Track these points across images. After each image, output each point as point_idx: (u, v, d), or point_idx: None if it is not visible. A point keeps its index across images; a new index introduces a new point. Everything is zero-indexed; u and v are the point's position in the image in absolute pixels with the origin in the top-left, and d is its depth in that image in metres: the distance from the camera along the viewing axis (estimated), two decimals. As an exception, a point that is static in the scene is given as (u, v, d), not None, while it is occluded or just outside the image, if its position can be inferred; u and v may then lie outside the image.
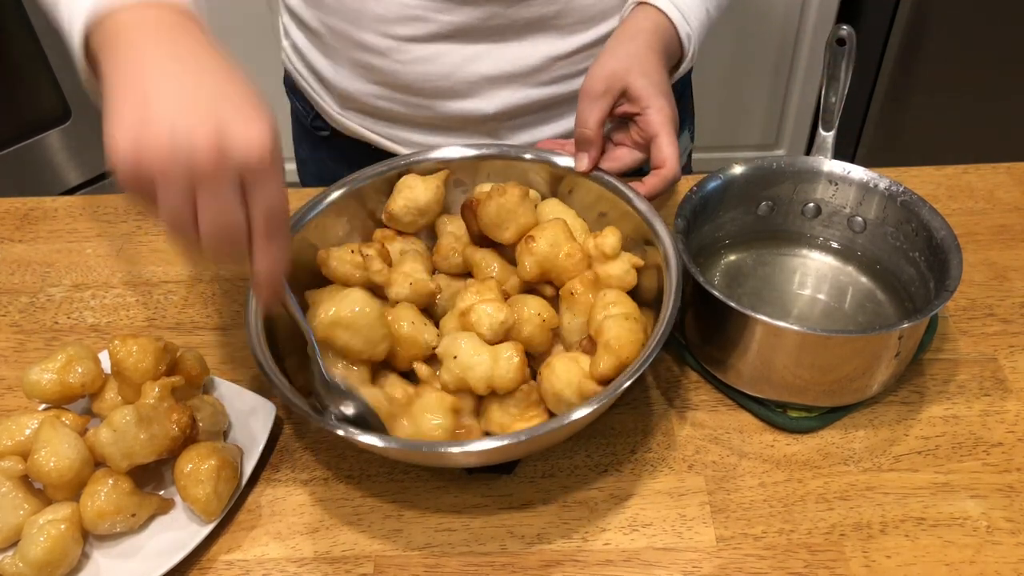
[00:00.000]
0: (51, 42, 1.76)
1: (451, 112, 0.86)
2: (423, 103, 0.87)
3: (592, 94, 0.72)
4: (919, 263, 0.72)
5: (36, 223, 0.93)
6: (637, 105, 0.71)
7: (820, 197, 0.78)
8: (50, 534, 0.59)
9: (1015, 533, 0.62)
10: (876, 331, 0.66)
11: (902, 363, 0.68)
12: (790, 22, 1.87)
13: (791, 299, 0.76)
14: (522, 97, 0.86)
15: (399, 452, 0.63)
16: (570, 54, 0.84)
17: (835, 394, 0.67)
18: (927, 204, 0.72)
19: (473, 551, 0.63)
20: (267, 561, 0.62)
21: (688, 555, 0.62)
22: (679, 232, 0.69)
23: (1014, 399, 0.71)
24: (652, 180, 0.71)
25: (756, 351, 0.66)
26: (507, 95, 0.85)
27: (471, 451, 0.58)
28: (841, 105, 0.78)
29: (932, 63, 1.77)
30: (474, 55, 0.83)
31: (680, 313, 0.63)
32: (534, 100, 0.86)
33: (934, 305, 0.64)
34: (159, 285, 0.85)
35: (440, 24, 0.81)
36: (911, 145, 1.91)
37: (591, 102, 0.72)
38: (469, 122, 0.87)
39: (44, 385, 0.65)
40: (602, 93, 0.71)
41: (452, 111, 0.86)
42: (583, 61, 0.85)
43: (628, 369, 0.60)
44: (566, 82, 0.86)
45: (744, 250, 0.80)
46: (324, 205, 0.74)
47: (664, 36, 0.75)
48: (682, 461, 0.68)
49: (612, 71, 0.71)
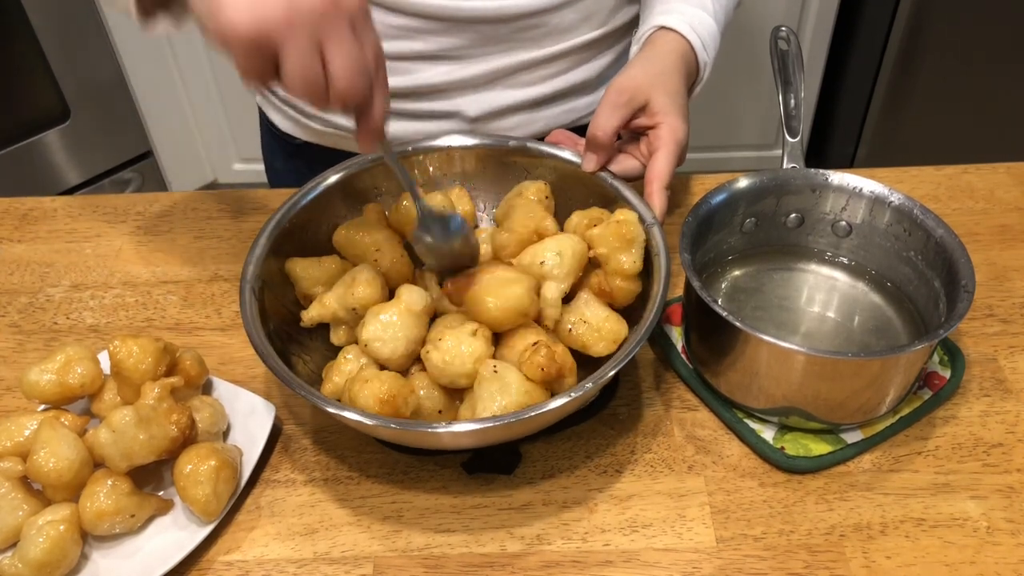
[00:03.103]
0: (51, 42, 1.77)
1: (432, 111, 0.88)
2: (404, 106, 0.88)
3: (615, 102, 0.73)
4: (918, 263, 0.72)
5: (35, 223, 0.93)
6: (653, 119, 0.73)
7: (804, 206, 0.77)
8: (49, 535, 0.59)
9: (1015, 533, 0.62)
10: (907, 348, 0.63)
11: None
12: (790, 22, 1.87)
13: (798, 316, 0.75)
14: (508, 98, 0.87)
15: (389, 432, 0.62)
16: (546, 60, 0.86)
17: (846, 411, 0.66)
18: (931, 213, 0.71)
19: (473, 551, 0.62)
20: (267, 562, 0.62)
21: (688, 556, 0.61)
22: (688, 267, 0.67)
23: (1014, 399, 0.71)
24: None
25: (766, 372, 0.65)
26: (491, 97, 0.87)
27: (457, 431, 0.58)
28: (801, 110, 0.78)
29: (932, 63, 1.77)
30: (457, 67, 0.85)
31: (685, 335, 0.62)
32: (520, 101, 0.88)
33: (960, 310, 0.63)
34: (159, 285, 0.85)
35: (425, 44, 0.83)
36: (911, 145, 1.91)
37: (612, 110, 0.72)
38: (452, 119, 0.89)
39: (43, 386, 0.65)
40: (624, 103, 0.72)
41: (433, 110, 0.88)
42: (559, 65, 0.87)
43: (618, 355, 0.61)
44: (543, 84, 0.88)
45: (739, 268, 0.79)
46: (321, 188, 0.76)
47: (687, 61, 0.77)
48: (682, 462, 0.68)
49: (638, 84, 0.73)
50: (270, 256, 0.70)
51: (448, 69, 0.85)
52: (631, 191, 0.73)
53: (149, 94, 1.98)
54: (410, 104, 0.87)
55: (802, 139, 0.79)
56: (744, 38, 1.87)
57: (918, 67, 1.78)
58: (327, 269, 0.72)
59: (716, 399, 0.71)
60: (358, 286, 0.68)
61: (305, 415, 0.72)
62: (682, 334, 0.76)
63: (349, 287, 0.68)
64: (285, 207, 0.73)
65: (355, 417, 0.58)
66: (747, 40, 1.87)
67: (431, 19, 0.81)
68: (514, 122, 0.89)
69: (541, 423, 0.63)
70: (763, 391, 0.66)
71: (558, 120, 0.90)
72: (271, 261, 0.70)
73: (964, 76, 1.79)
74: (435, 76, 0.85)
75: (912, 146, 1.91)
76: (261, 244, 0.70)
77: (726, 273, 0.78)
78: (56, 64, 1.79)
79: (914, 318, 0.73)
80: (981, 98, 1.83)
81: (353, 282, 0.68)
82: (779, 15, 1.86)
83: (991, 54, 1.76)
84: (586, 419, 0.70)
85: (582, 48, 0.87)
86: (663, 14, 0.79)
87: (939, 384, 0.71)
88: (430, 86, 0.85)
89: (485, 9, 0.80)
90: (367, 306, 0.67)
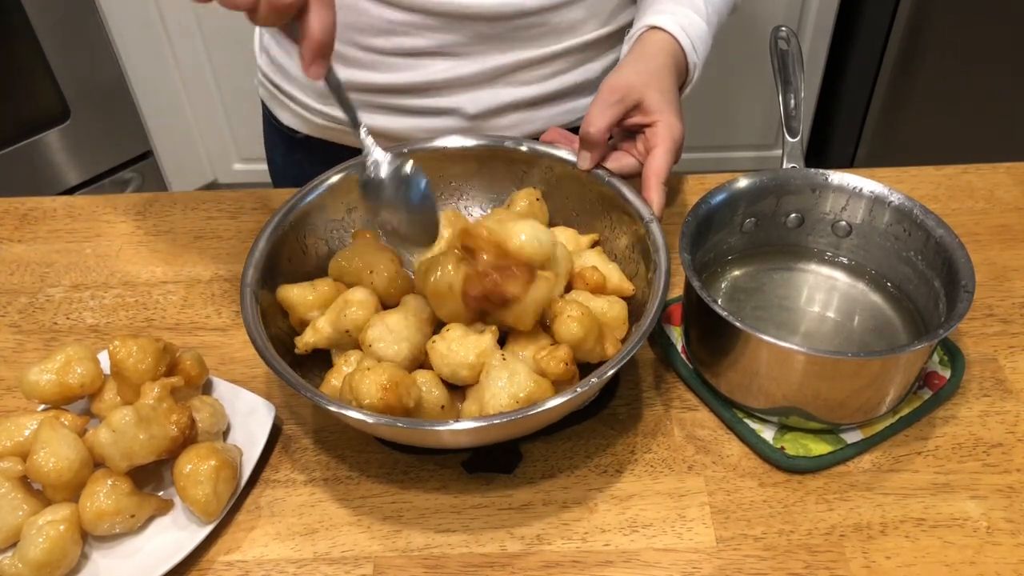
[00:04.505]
0: (51, 42, 1.77)
1: (431, 107, 0.88)
2: (403, 102, 0.88)
3: (607, 101, 0.73)
4: (917, 263, 0.72)
5: (35, 223, 0.93)
6: (649, 117, 0.73)
7: (804, 206, 0.77)
8: (49, 535, 0.59)
9: (1015, 533, 0.62)
10: (908, 348, 0.63)
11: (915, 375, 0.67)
12: (790, 22, 1.87)
13: (798, 316, 0.75)
14: (507, 96, 0.87)
15: (390, 430, 0.62)
16: (546, 59, 0.86)
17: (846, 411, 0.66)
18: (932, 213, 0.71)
19: (473, 551, 0.62)
20: (267, 562, 0.62)
21: (688, 556, 0.61)
22: (688, 267, 0.67)
23: (1014, 399, 0.71)
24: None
25: (766, 372, 0.65)
26: (490, 95, 0.87)
27: (458, 429, 0.59)
28: (801, 110, 0.78)
29: (932, 63, 1.77)
30: (456, 64, 0.85)
31: (685, 335, 0.62)
32: (519, 99, 0.88)
33: (960, 310, 0.63)
34: (159, 285, 0.85)
35: (425, 40, 0.83)
36: (911, 145, 1.91)
37: (604, 107, 0.73)
38: (451, 116, 0.88)
39: (43, 386, 0.65)
40: (616, 101, 0.73)
41: (432, 106, 0.88)
42: (559, 64, 0.87)
43: (616, 355, 0.61)
44: (543, 82, 0.88)
45: (739, 268, 0.79)
46: (322, 188, 0.75)
47: (677, 61, 0.77)
48: (682, 462, 0.68)
49: (630, 83, 0.73)
50: (267, 277, 0.69)
51: (447, 66, 0.85)
52: (629, 188, 0.73)
53: (149, 94, 1.98)
54: (409, 100, 0.87)
55: (802, 139, 0.79)
56: (744, 38, 1.87)
57: (918, 67, 1.78)
58: (321, 293, 0.70)
59: (716, 399, 0.71)
60: (350, 307, 0.67)
61: (305, 415, 0.72)
62: (682, 334, 0.76)
63: (342, 310, 0.67)
64: (285, 207, 0.73)
65: (356, 416, 0.58)
66: (747, 40, 1.87)
67: (431, 15, 0.81)
68: (513, 120, 0.89)
69: (542, 421, 0.63)
70: (763, 391, 0.66)
71: (558, 120, 0.90)
72: (268, 286, 0.69)
73: (964, 76, 1.79)
74: (434, 73, 0.85)
75: (912, 146, 1.91)
76: (261, 245, 0.70)
77: (726, 273, 0.78)
78: (56, 64, 1.79)
79: (914, 318, 0.73)
80: (981, 98, 1.83)
81: (345, 304, 0.67)
82: (779, 15, 1.86)
83: (991, 54, 1.76)
84: (586, 419, 0.70)
85: (583, 48, 0.87)
86: (655, 14, 0.79)
87: (939, 384, 0.71)
88: (429, 82, 0.85)
89: (485, 6, 0.80)
90: (361, 327, 0.66)
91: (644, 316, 0.64)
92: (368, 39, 0.84)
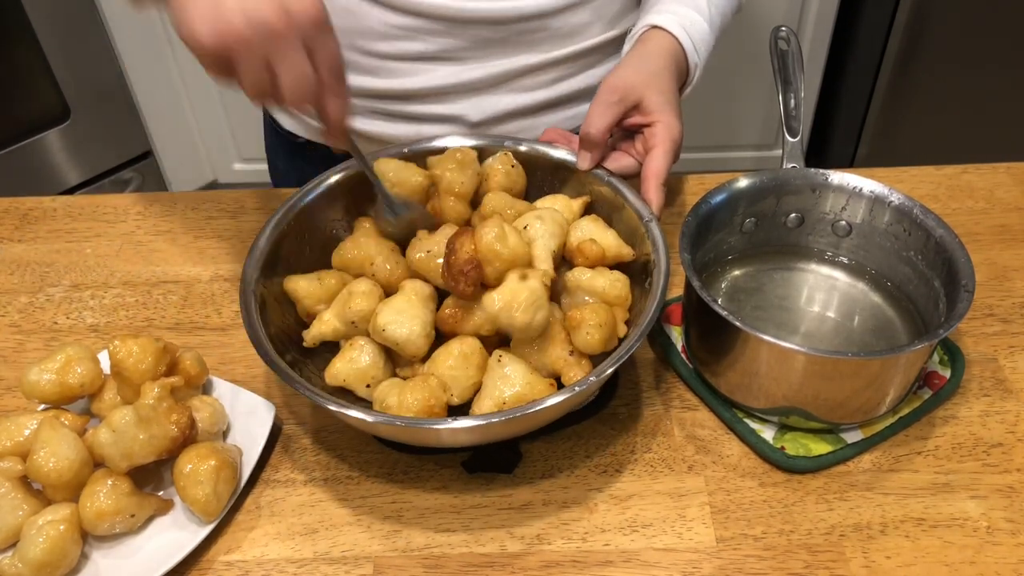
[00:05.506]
0: (51, 42, 1.77)
1: (433, 114, 0.87)
2: (404, 108, 0.87)
3: (607, 101, 0.73)
4: (917, 263, 0.72)
5: (35, 223, 0.93)
6: (648, 118, 0.73)
7: (803, 206, 0.77)
8: (49, 535, 0.59)
9: (1015, 533, 0.62)
10: (908, 348, 0.63)
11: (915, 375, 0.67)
12: (790, 22, 1.87)
13: (798, 316, 0.75)
14: (510, 103, 0.87)
15: (390, 429, 0.63)
16: (549, 64, 0.86)
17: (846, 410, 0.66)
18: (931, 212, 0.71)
19: (473, 551, 0.62)
20: (267, 562, 0.62)
21: (688, 555, 0.61)
22: (688, 267, 0.67)
23: (1014, 399, 0.71)
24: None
25: (766, 372, 0.65)
26: (493, 101, 0.87)
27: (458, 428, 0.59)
28: (801, 110, 0.78)
29: (932, 63, 1.77)
30: (458, 70, 0.85)
31: (685, 335, 0.62)
32: (522, 105, 0.87)
33: (960, 310, 0.63)
34: (159, 285, 0.85)
35: (427, 44, 0.83)
36: (911, 145, 1.91)
37: (604, 107, 0.73)
38: (453, 123, 0.88)
39: (43, 385, 0.65)
40: (616, 101, 0.73)
41: (434, 113, 0.87)
42: (562, 70, 0.87)
43: (617, 352, 0.61)
44: (546, 88, 0.88)
45: (739, 268, 0.79)
46: (322, 188, 0.76)
47: (678, 61, 0.77)
48: (682, 462, 0.68)
49: (630, 84, 0.73)
50: (267, 276, 0.69)
51: (450, 71, 0.85)
52: (628, 188, 0.73)
53: (149, 94, 1.97)
54: (411, 106, 0.87)
55: (802, 139, 0.79)
56: (744, 38, 1.86)
57: (918, 67, 1.78)
58: (328, 286, 0.70)
59: (716, 399, 0.71)
60: (355, 299, 0.67)
61: (305, 415, 0.72)
62: (682, 334, 0.76)
63: (347, 301, 0.68)
64: (285, 207, 0.73)
65: (356, 415, 0.58)
66: (747, 40, 1.87)
67: (432, 19, 0.81)
68: (516, 127, 0.89)
69: (542, 419, 0.63)
70: (763, 391, 0.66)
71: (561, 126, 0.90)
72: (270, 282, 0.70)
73: (964, 76, 1.79)
74: (436, 79, 0.85)
75: (912, 146, 1.91)
76: (261, 245, 0.70)
77: (726, 273, 0.78)
78: (56, 64, 1.79)
79: (914, 318, 0.73)
80: (981, 98, 1.83)
81: (350, 296, 0.68)
82: (779, 15, 1.86)
83: (991, 54, 1.76)
84: (586, 419, 0.70)
85: (586, 53, 0.87)
86: (657, 13, 0.79)
87: (939, 384, 0.71)
88: (431, 88, 0.85)
89: (486, 10, 0.80)
90: (367, 318, 0.67)
91: (643, 316, 0.64)
92: (370, 44, 0.83)
